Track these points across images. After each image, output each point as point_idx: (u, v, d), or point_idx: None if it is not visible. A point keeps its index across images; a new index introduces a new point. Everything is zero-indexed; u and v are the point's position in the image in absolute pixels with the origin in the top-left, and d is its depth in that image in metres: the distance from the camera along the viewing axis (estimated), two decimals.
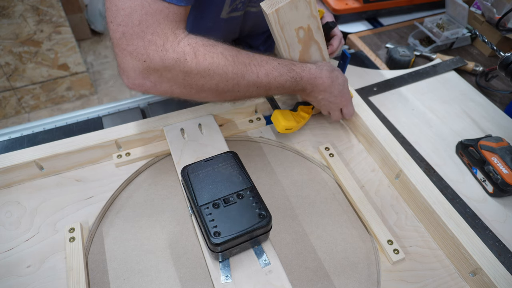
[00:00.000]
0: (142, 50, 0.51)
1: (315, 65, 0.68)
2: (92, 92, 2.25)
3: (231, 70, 0.56)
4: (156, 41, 0.51)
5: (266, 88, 0.61)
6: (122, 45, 0.51)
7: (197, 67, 0.54)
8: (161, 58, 0.51)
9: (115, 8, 0.50)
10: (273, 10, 0.60)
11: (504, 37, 1.00)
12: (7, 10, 1.71)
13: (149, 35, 0.50)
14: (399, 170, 0.67)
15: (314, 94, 0.69)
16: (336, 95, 0.70)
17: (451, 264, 0.60)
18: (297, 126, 0.74)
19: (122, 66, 0.53)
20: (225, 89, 0.58)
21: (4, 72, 1.92)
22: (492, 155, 0.71)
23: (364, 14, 1.25)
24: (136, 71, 0.52)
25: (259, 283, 0.51)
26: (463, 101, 0.90)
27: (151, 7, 0.50)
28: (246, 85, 0.59)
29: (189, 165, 0.57)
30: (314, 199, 0.68)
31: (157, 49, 0.51)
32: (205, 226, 0.51)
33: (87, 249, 0.60)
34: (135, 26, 0.50)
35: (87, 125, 0.84)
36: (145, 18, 0.50)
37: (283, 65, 0.62)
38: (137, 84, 0.54)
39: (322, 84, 0.67)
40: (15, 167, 0.64)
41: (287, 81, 0.62)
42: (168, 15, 0.51)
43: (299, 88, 0.66)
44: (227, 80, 0.57)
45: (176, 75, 0.54)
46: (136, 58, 0.51)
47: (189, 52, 0.53)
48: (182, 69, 0.53)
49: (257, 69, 0.59)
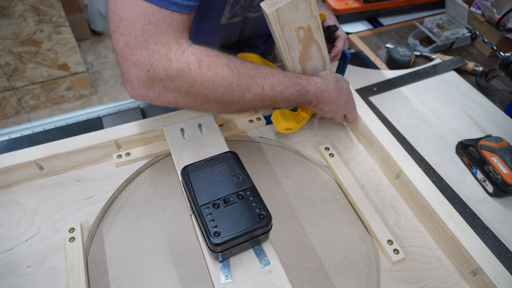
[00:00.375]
0: (145, 60, 0.50)
1: (321, 78, 0.67)
2: (92, 92, 2.25)
3: (236, 82, 0.56)
4: (159, 50, 0.50)
5: (272, 101, 0.61)
6: (126, 55, 0.50)
7: (201, 77, 0.53)
8: (165, 68, 0.51)
9: (117, 18, 0.50)
10: (273, 10, 0.60)
11: (504, 37, 1.00)
12: (7, 10, 1.71)
13: (153, 45, 0.50)
14: (399, 170, 0.67)
15: (320, 106, 0.68)
16: (342, 105, 0.70)
17: (451, 264, 0.60)
18: (297, 126, 0.74)
19: (126, 76, 0.52)
20: (230, 101, 0.57)
21: (4, 72, 1.92)
22: (492, 155, 0.71)
23: (364, 14, 1.25)
24: (140, 81, 0.52)
25: (259, 283, 0.51)
26: (463, 101, 0.90)
27: (154, 17, 0.49)
28: (252, 98, 0.58)
29: (189, 165, 0.57)
30: (314, 199, 0.68)
31: (161, 59, 0.51)
32: (205, 226, 0.51)
33: (87, 249, 0.60)
34: (138, 35, 0.49)
35: (87, 125, 0.84)
36: (148, 28, 0.49)
37: (288, 78, 0.62)
38: (141, 94, 0.54)
39: (328, 96, 0.67)
40: (15, 167, 0.64)
41: (292, 94, 0.62)
42: (171, 24, 0.51)
43: (304, 101, 0.66)
44: (232, 92, 0.56)
45: (180, 85, 0.53)
46: (139, 67, 0.51)
47: (193, 62, 0.52)
48: (186, 79, 0.53)
49: (262, 82, 0.59)
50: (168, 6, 0.49)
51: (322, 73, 0.71)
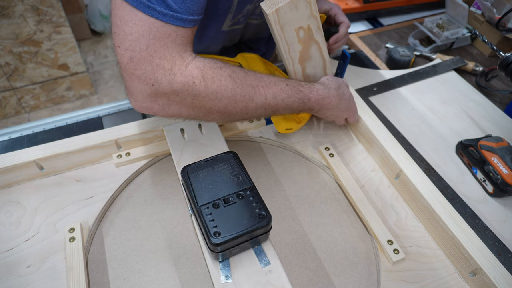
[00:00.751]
0: (150, 75, 0.51)
1: (323, 85, 0.68)
2: (92, 92, 2.25)
3: (239, 93, 0.56)
4: (164, 65, 0.51)
5: (274, 109, 0.61)
6: (130, 69, 0.51)
7: (206, 90, 0.54)
8: (169, 82, 0.51)
9: (122, 34, 0.50)
10: (273, 10, 0.60)
11: (504, 37, 1.00)
12: (7, 10, 1.71)
13: (157, 59, 0.50)
14: (399, 170, 0.67)
15: (322, 112, 0.69)
16: (343, 110, 0.71)
17: (451, 264, 0.60)
18: (297, 126, 0.74)
19: (130, 90, 0.53)
20: (234, 112, 0.58)
21: (4, 72, 1.92)
22: (492, 155, 0.71)
23: (364, 14, 1.25)
24: (144, 94, 0.52)
25: (259, 283, 0.51)
26: (463, 101, 0.90)
27: (159, 32, 0.50)
28: (254, 107, 0.59)
29: (189, 165, 0.57)
30: (314, 199, 0.68)
31: (165, 73, 0.51)
32: (205, 226, 0.51)
33: (87, 249, 0.60)
34: (142, 50, 0.50)
35: (87, 125, 0.84)
36: (153, 43, 0.50)
37: (291, 86, 0.62)
38: (145, 107, 0.54)
39: (330, 103, 0.67)
40: (15, 167, 0.64)
41: (294, 103, 0.62)
42: (176, 38, 0.51)
43: (306, 109, 0.66)
44: (235, 102, 0.56)
45: (184, 98, 0.53)
46: (144, 82, 0.51)
47: (197, 75, 0.53)
48: (190, 92, 0.53)
49: (265, 91, 0.59)
50: (173, 21, 0.50)
51: (323, 79, 0.71)
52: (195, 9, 0.51)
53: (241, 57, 0.84)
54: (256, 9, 0.76)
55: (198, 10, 0.52)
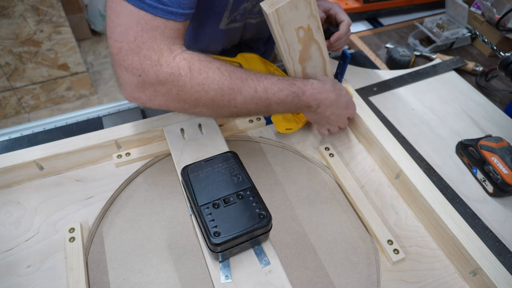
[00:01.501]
0: (137, 65, 0.52)
1: (318, 80, 0.67)
2: (92, 92, 2.25)
3: (227, 85, 0.56)
4: (151, 56, 0.52)
5: (266, 104, 0.60)
6: (119, 60, 0.52)
7: (191, 81, 0.54)
8: (155, 73, 0.52)
9: (112, 24, 0.51)
10: (273, 10, 0.60)
11: (504, 37, 1.00)
12: (7, 10, 1.71)
13: (144, 51, 0.51)
14: (399, 170, 0.67)
15: (320, 110, 0.67)
16: (343, 108, 0.69)
17: (451, 264, 0.60)
18: (297, 126, 0.74)
19: (120, 80, 0.54)
20: (221, 104, 0.57)
21: (4, 72, 1.92)
22: (492, 155, 0.71)
23: (364, 14, 1.25)
24: (132, 85, 0.53)
25: (259, 283, 0.51)
26: (463, 101, 0.90)
27: (148, 24, 0.51)
28: (243, 101, 0.58)
29: (189, 165, 0.57)
30: (314, 199, 0.68)
31: (152, 64, 0.52)
32: (205, 226, 0.51)
33: (87, 249, 0.60)
34: (130, 42, 0.51)
35: (87, 125, 0.84)
36: (141, 34, 0.51)
37: (283, 80, 0.61)
38: (134, 97, 0.55)
39: (327, 98, 0.66)
40: (15, 167, 0.64)
41: (288, 96, 0.61)
42: (165, 31, 0.52)
43: (302, 104, 0.64)
44: (222, 95, 0.56)
45: (170, 89, 0.54)
46: (131, 72, 0.52)
47: (183, 67, 0.53)
48: (176, 84, 0.53)
49: (255, 84, 0.58)
50: (163, 14, 0.51)
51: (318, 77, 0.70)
52: (185, 2, 0.52)
53: (241, 57, 0.84)
54: (254, 8, 0.76)
55: (189, 4, 0.52)
